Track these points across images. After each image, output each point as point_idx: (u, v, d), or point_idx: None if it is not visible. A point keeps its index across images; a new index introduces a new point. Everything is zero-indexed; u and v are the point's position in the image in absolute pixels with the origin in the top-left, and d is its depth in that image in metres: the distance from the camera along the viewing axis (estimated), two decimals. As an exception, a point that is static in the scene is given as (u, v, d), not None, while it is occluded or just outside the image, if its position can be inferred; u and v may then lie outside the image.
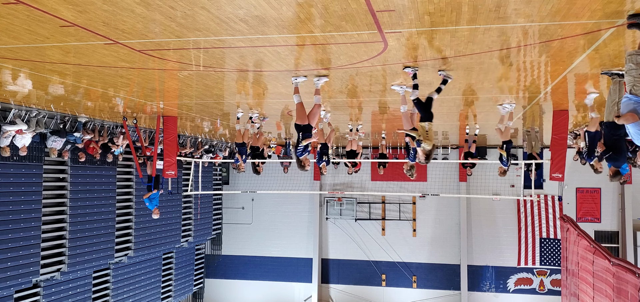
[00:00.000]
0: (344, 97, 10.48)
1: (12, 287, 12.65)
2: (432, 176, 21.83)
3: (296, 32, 5.88)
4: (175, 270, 20.44)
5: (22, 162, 12.65)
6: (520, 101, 10.82)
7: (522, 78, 8.48)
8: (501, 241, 21.88)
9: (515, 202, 21.21)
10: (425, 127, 7.63)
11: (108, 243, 16.00)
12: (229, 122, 14.79)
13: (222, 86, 9.49)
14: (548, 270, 21.57)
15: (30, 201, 13.12)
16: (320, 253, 23.21)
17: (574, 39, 6.06)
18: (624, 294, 9.91)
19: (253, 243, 23.73)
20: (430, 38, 6.14)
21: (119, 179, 16.68)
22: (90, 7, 5.03)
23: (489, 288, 22.04)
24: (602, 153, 7.37)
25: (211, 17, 5.34)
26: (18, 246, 12.73)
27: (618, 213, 20.95)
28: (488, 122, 14.28)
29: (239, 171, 12.96)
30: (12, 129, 11.02)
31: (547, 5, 4.95)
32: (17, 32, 5.85)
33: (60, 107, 11.84)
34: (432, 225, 22.46)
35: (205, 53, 6.99)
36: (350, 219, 22.96)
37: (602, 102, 9.51)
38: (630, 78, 5.23)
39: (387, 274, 22.69)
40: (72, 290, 14.84)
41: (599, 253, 11.67)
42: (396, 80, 8.58)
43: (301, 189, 21.71)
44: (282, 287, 23.41)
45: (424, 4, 5.01)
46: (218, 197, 23.50)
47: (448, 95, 10.16)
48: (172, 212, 19.73)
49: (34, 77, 8.47)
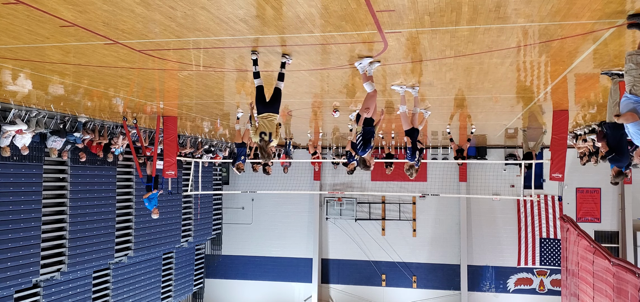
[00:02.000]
0: (344, 96, 10.49)
1: (12, 287, 12.64)
2: (432, 176, 21.84)
3: (296, 32, 5.88)
4: (175, 270, 20.44)
5: (22, 162, 12.65)
6: (519, 101, 10.82)
7: (522, 78, 8.48)
8: (501, 241, 21.87)
9: (515, 202, 21.21)
10: (276, 121, 6.95)
11: (108, 243, 16.00)
12: (229, 122, 14.79)
13: (222, 86, 9.49)
14: (548, 270, 21.57)
15: (30, 201, 13.12)
16: (320, 253, 23.21)
17: (574, 39, 6.06)
18: (624, 294, 9.91)
19: (253, 243, 23.73)
20: (431, 38, 6.14)
21: (119, 179, 16.68)
22: (90, 7, 5.03)
23: (489, 288, 22.04)
24: (605, 153, 7.37)
25: (211, 17, 5.34)
26: (18, 246, 12.73)
27: (618, 213, 20.95)
28: (488, 122, 14.29)
29: (240, 172, 12.97)
30: (12, 129, 11.02)
31: (547, 5, 4.95)
32: (17, 32, 5.85)
33: (60, 107, 11.84)
34: (432, 225, 22.46)
35: (205, 53, 6.99)
36: (350, 219, 22.96)
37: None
38: (630, 78, 5.23)
39: (387, 274, 22.69)
40: (72, 290, 14.84)
41: (599, 253, 11.67)
42: (396, 80, 8.58)
43: (301, 189, 21.72)
44: (282, 287, 23.41)
45: (424, 4, 5.01)
46: (218, 197, 23.51)
47: (448, 95, 10.17)
48: (172, 212, 19.72)
49: (34, 77, 8.47)
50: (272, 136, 6.87)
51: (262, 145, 6.85)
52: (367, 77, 7.34)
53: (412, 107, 9.55)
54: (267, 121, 6.90)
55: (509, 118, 13.43)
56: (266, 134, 6.85)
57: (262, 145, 6.85)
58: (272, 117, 6.92)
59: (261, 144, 6.84)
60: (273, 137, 6.88)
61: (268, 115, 6.92)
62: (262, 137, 6.83)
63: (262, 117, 6.91)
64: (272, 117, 6.92)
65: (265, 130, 6.83)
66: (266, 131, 6.84)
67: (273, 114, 6.93)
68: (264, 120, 6.91)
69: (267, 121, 6.90)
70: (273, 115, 6.93)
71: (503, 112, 12.36)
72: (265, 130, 6.83)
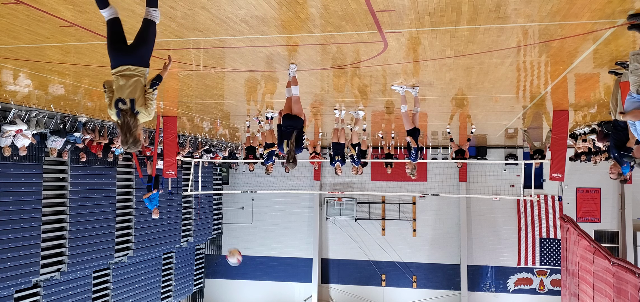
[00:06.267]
0: (343, 96, 10.49)
1: (12, 287, 12.64)
2: (432, 176, 21.84)
3: (296, 32, 5.88)
4: (175, 270, 20.44)
5: (22, 162, 12.65)
6: (520, 101, 10.82)
7: (522, 78, 8.48)
8: (501, 241, 21.87)
9: (515, 202, 21.20)
10: (143, 79, 4.16)
11: (108, 243, 16.00)
12: (229, 122, 14.80)
13: (222, 86, 9.49)
14: (548, 270, 21.57)
15: (30, 201, 13.11)
16: (320, 253, 23.21)
17: (574, 39, 6.06)
18: (624, 294, 9.90)
19: (253, 243, 23.72)
20: (431, 38, 6.14)
21: (119, 179, 16.68)
22: (90, 7, 5.03)
23: (489, 288, 22.04)
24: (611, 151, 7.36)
25: (211, 17, 5.34)
26: (18, 246, 12.73)
27: (618, 213, 20.95)
28: (488, 122, 14.29)
29: (267, 173, 13.35)
30: (12, 129, 11.03)
31: (547, 5, 4.95)
32: (17, 32, 5.85)
33: (60, 107, 11.84)
34: (432, 225, 22.46)
35: (205, 53, 6.99)
36: (350, 219, 22.96)
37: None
38: (635, 78, 5.24)
39: (387, 274, 22.69)
40: (72, 290, 14.84)
41: (599, 253, 11.67)
42: (396, 80, 8.58)
43: (301, 189, 21.71)
44: (282, 287, 23.41)
45: (424, 4, 5.01)
46: (218, 197, 23.51)
47: (448, 95, 10.17)
48: (172, 212, 19.73)
49: (34, 77, 8.47)
50: (136, 104, 4.09)
51: (123, 123, 4.06)
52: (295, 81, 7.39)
53: (412, 107, 9.56)
54: (126, 80, 4.10)
55: (509, 118, 13.44)
56: (125, 102, 4.08)
57: (123, 123, 4.06)
58: (137, 71, 4.11)
59: (121, 121, 4.07)
60: (139, 106, 4.10)
61: (127, 70, 4.10)
62: (120, 107, 4.09)
63: (117, 72, 4.12)
64: (136, 71, 4.11)
65: (123, 96, 4.08)
66: (125, 97, 4.08)
67: (138, 67, 4.12)
68: (121, 79, 4.11)
69: (127, 80, 4.09)
70: (138, 69, 4.12)
71: (503, 112, 12.37)
72: (122, 96, 4.08)
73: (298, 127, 7.21)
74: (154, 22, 4.19)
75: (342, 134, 12.15)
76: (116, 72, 4.10)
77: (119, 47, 4.11)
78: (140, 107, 4.10)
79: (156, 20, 4.20)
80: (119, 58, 4.09)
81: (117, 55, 4.10)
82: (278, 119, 6.96)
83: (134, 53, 4.11)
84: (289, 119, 7.28)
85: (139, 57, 4.12)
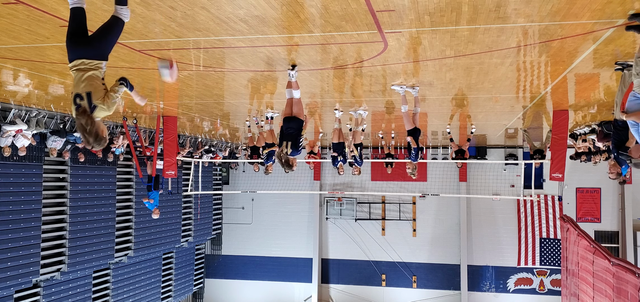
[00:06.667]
0: (343, 96, 10.49)
1: (12, 287, 12.65)
2: (432, 176, 21.84)
3: (296, 32, 5.88)
4: (175, 270, 20.44)
5: (22, 162, 12.66)
6: (520, 101, 10.82)
7: (522, 78, 8.48)
8: (501, 241, 21.87)
9: (515, 202, 21.20)
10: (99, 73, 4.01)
11: (108, 243, 16.00)
12: (229, 122, 14.80)
13: (222, 86, 9.49)
14: (548, 270, 21.57)
15: (30, 201, 13.12)
16: (320, 253, 23.21)
17: (574, 39, 6.06)
18: (624, 294, 9.90)
19: (253, 243, 23.72)
20: (431, 38, 6.14)
21: (119, 179, 16.69)
22: (90, 7, 5.02)
23: (489, 288, 22.04)
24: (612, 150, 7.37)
25: (211, 17, 5.34)
26: (18, 246, 12.73)
27: (618, 213, 20.95)
28: (488, 122, 14.29)
29: (267, 173, 13.36)
30: (12, 129, 11.02)
31: (547, 5, 4.95)
32: (17, 32, 5.85)
33: (60, 107, 11.84)
34: (432, 225, 22.46)
35: (205, 53, 6.99)
36: (350, 219, 22.96)
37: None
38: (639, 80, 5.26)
39: (387, 274, 22.69)
40: (72, 290, 14.84)
41: (599, 253, 11.67)
42: (396, 80, 8.58)
43: (301, 189, 21.71)
44: (282, 287, 23.41)
45: (424, 4, 5.01)
46: (218, 197, 23.51)
47: (448, 95, 10.17)
48: (172, 212, 19.73)
49: (34, 77, 8.47)
50: (92, 98, 3.87)
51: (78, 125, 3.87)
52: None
53: (412, 107, 9.57)
54: (82, 74, 3.91)
55: (509, 118, 13.43)
56: (82, 97, 3.87)
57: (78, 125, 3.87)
58: (92, 64, 3.92)
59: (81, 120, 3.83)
60: (96, 99, 3.88)
61: (82, 63, 3.92)
62: (77, 103, 3.89)
63: (73, 66, 3.95)
64: (90, 65, 3.92)
65: (80, 91, 3.89)
66: (80, 91, 3.88)
67: (92, 61, 3.92)
68: (77, 74, 3.94)
69: (83, 74, 3.91)
70: (93, 63, 3.93)
71: (503, 112, 12.36)
72: (79, 91, 3.89)
73: (298, 127, 7.23)
74: (122, 20, 4.06)
75: (342, 134, 12.21)
76: (72, 66, 3.94)
77: (77, 40, 3.92)
78: (97, 100, 3.88)
79: (125, 19, 4.07)
80: (75, 51, 3.92)
81: (74, 48, 3.93)
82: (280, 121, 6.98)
83: (90, 45, 3.93)
84: (289, 121, 7.29)
85: (95, 50, 3.93)
